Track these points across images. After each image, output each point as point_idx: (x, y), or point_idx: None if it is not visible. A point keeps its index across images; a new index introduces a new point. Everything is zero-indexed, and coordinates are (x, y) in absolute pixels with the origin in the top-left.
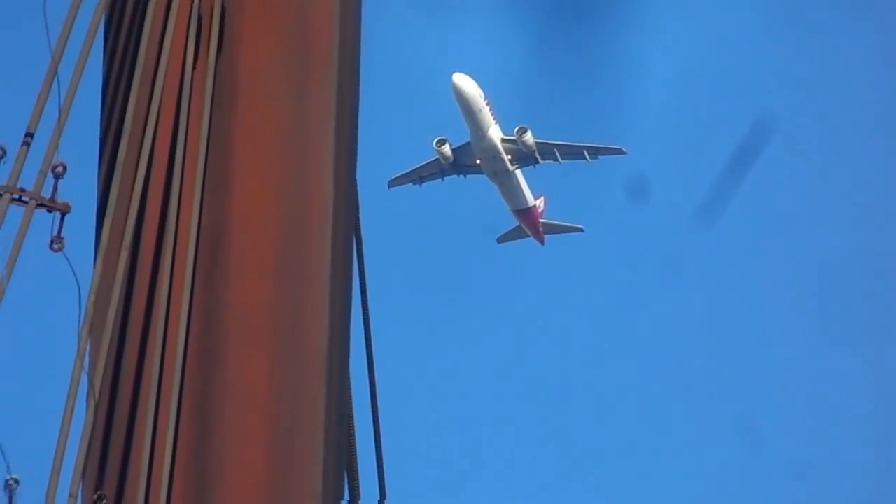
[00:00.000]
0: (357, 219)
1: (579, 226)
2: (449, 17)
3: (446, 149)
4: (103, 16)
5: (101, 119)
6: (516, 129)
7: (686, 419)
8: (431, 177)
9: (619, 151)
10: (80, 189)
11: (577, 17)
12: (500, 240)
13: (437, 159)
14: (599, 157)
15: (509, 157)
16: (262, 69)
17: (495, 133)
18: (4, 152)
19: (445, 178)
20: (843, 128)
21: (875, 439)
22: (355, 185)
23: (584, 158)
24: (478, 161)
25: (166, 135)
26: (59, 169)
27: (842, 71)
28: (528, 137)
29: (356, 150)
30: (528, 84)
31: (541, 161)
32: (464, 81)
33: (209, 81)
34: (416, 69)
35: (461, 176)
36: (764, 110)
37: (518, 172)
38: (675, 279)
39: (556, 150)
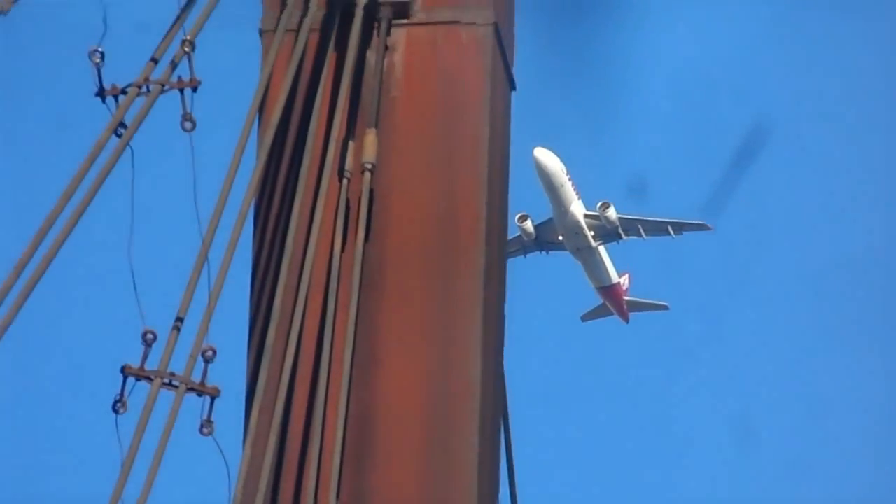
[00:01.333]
0: (505, 402)
1: (664, 303)
2: None
3: (528, 225)
4: (253, 201)
5: (251, 303)
6: (599, 204)
7: (686, 419)
8: (514, 254)
9: (704, 227)
10: (230, 373)
11: (577, 18)
12: (585, 318)
13: (519, 236)
14: (684, 232)
15: (592, 232)
16: (409, 252)
17: (578, 208)
18: (155, 337)
19: (528, 255)
20: (843, 128)
21: (875, 439)
22: (503, 368)
23: (669, 234)
24: (560, 237)
25: (314, 320)
26: (209, 353)
27: (842, 71)
28: (612, 213)
29: (504, 330)
30: (528, 83)
31: (624, 237)
32: (545, 156)
33: (357, 267)
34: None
35: (544, 252)
36: (764, 110)
37: (601, 249)
38: (674, 278)
39: (639, 225)
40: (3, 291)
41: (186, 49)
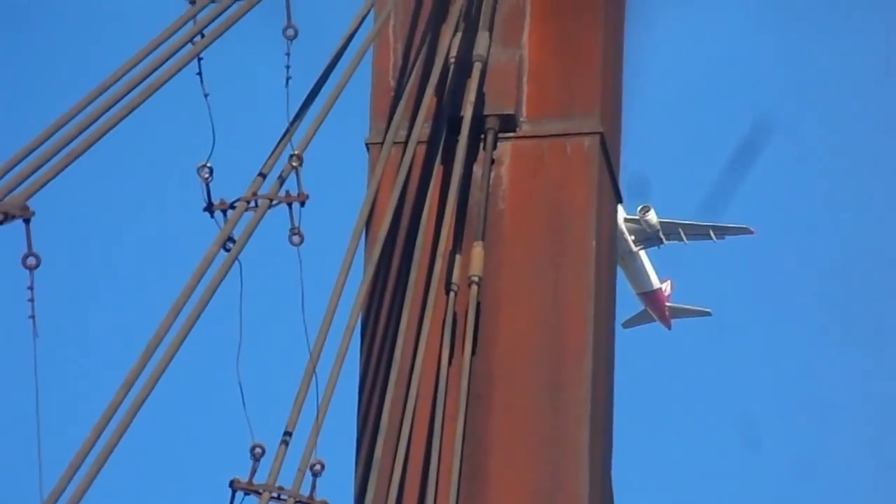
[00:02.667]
0: None
1: (707, 309)
2: None
3: None
4: (360, 314)
5: (358, 417)
6: (639, 208)
7: (686, 419)
8: None
9: (747, 231)
10: (338, 487)
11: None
12: (626, 325)
13: None
14: (726, 236)
15: (632, 237)
16: (517, 365)
17: (617, 213)
18: (264, 451)
19: None
20: (843, 128)
21: (876, 440)
22: (610, 482)
23: (710, 238)
24: None
25: (422, 433)
26: (318, 467)
27: (843, 71)
28: (652, 216)
29: (612, 442)
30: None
31: (665, 241)
32: None
33: (464, 379)
34: None
35: None
36: (764, 110)
37: (642, 254)
38: (674, 278)
39: (680, 229)
40: (112, 406)
41: (294, 164)
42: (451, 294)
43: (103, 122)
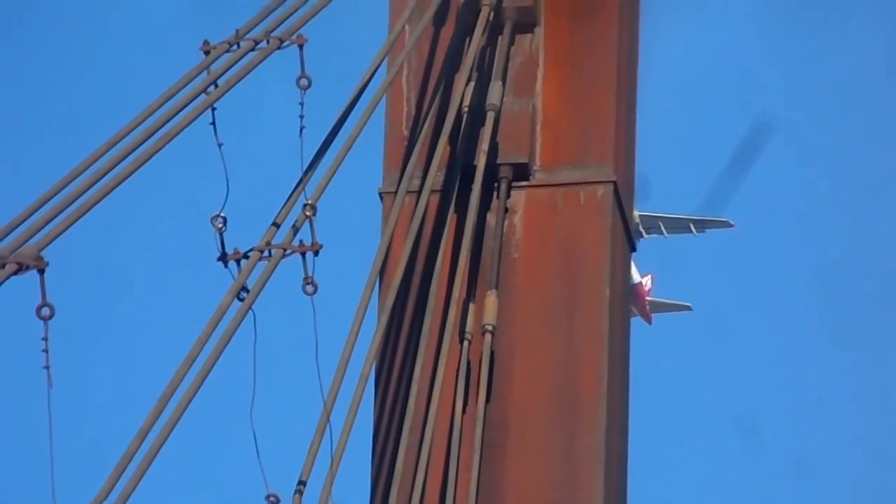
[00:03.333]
0: None
1: (687, 304)
2: None
3: None
4: (374, 364)
5: (372, 465)
6: None
7: (685, 418)
8: None
9: (727, 224)
10: None
11: None
12: None
13: None
14: (706, 230)
15: None
16: (531, 413)
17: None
18: (278, 500)
19: None
20: (843, 128)
21: (876, 440)
22: None
23: (690, 231)
24: None
25: (436, 483)
26: None
27: (843, 71)
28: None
29: (626, 490)
30: None
31: (645, 235)
32: None
33: (478, 428)
34: None
35: None
36: (767, 107)
37: None
38: (673, 277)
39: (660, 222)
40: (126, 456)
41: (308, 213)
42: (465, 342)
43: (117, 172)
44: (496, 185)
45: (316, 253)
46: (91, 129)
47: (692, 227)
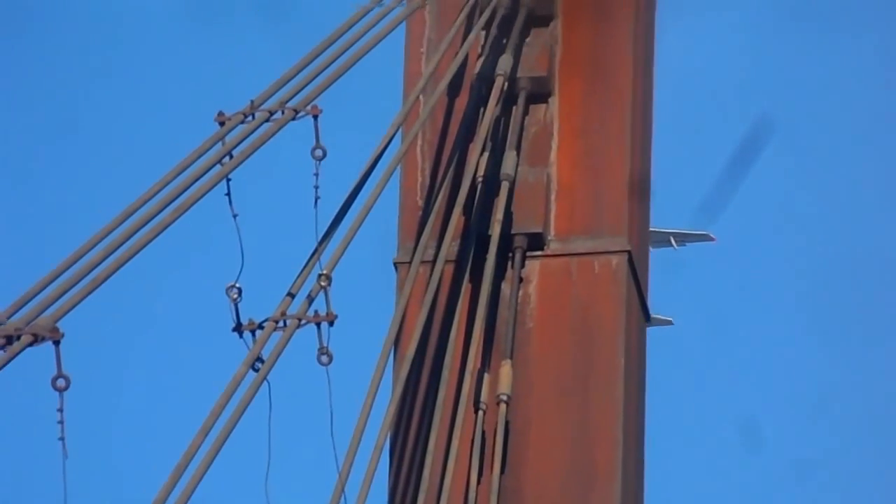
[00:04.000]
0: None
1: (668, 319)
2: None
3: None
4: (388, 435)
5: None
6: None
7: (685, 418)
8: None
9: (707, 238)
10: None
11: None
12: None
13: None
14: (687, 244)
15: None
16: (546, 484)
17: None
18: None
19: None
20: (844, 128)
21: (876, 439)
22: None
23: (671, 245)
24: None
25: None
26: None
27: (843, 70)
28: None
29: None
30: None
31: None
32: None
33: (493, 500)
34: None
35: None
36: (766, 111)
37: None
38: (674, 277)
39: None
40: None
41: (323, 283)
42: (480, 413)
43: (132, 243)
44: (511, 254)
45: (331, 323)
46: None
47: (672, 241)
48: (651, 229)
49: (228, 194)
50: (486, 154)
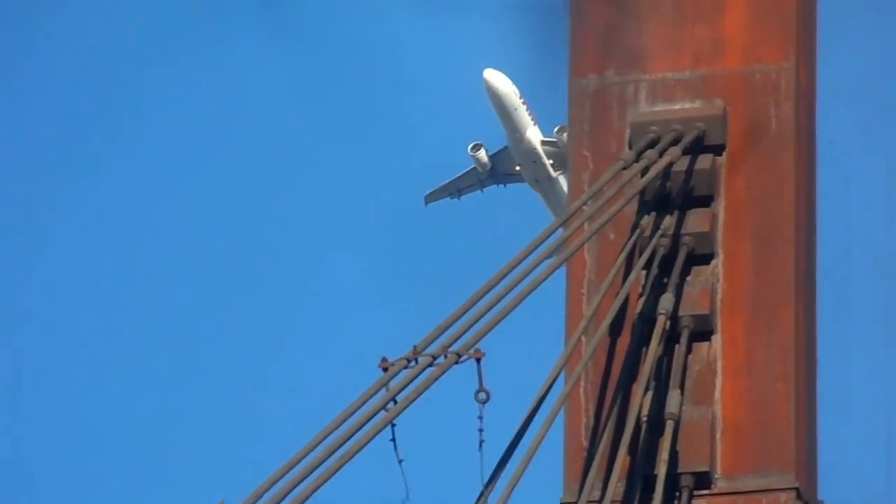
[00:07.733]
0: None
1: None
2: (450, 14)
3: (482, 154)
4: None
5: None
6: (556, 128)
7: None
8: (470, 188)
9: None
10: None
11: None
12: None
13: (474, 169)
14: None
15: (551, 161)
16: None
17: (534, 135)
18: None
19: (485, 189)
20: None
21: (877, 439)
22: None
23: None
24: (517, 167)
25: None
26: None
27: (844, 70)
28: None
29: None
30: (529, 80)
31: None
32: (496, 78)
33: None
34: (440, 69)
35: (501, 185)
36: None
37: (562, 179)
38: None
39: None
40: None
41: None
42: None
43: (298, 493)
44: (677, 494)
45: None
46: None
47: None
48: None
49: (393, 440)
50: (650, 393)
